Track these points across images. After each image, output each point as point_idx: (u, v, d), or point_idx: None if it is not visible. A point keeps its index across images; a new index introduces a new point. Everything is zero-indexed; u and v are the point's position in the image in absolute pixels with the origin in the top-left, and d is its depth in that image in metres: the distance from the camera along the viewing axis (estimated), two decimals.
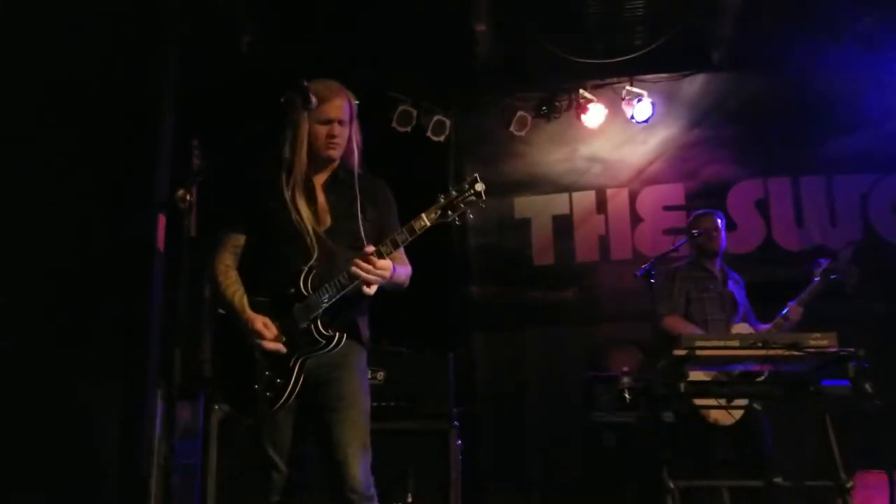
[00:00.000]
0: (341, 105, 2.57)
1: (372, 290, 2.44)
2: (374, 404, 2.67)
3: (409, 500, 3.59)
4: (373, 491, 2.44)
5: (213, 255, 2.62)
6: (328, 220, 2.57)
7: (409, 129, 5.69)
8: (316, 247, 2.51)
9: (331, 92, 2.56)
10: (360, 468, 2.41)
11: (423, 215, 2.39)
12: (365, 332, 2.63)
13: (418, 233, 2.41)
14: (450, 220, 2.39)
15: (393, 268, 2.48)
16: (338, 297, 2.44)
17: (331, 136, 2.56)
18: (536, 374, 5.56)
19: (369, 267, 2.40)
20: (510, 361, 5.67)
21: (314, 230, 2.54)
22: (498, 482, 5.21)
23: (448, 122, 5.79)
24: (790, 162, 5.59)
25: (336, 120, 2.57)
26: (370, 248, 2.42)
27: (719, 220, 4.22)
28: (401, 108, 5.68)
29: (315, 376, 2.48)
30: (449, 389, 3.95)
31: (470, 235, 5.92)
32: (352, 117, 2.63)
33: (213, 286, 2.62)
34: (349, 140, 2.62)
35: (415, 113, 5.72)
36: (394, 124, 5.68)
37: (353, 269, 2.40)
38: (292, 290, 2.48)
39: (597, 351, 5.45)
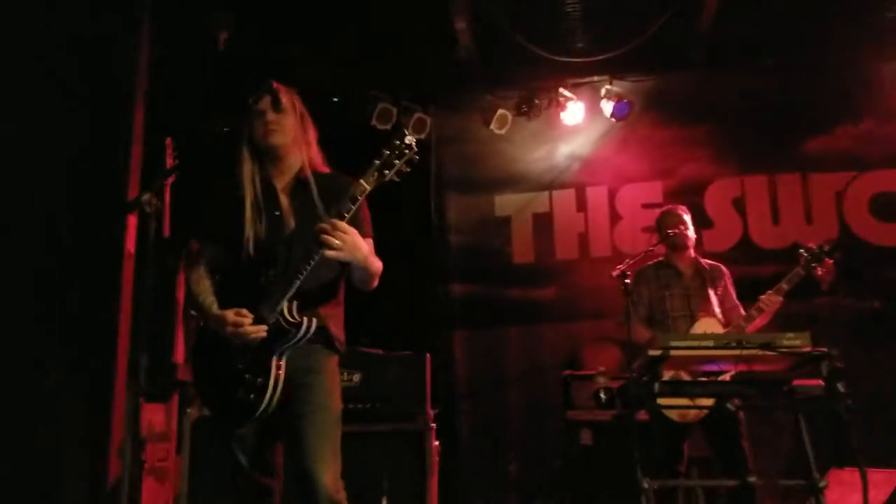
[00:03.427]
0: (262, 95, 2.58)
1: (336, 254, 2.38)
2: (350, 406, 2.66)
3: (384, 502, 3.58)
4: (341, 496, 2.42)
5: (187, 265, 2.61)
6: (292, 224, 2.55)
7: (389, 126, 5.67)
8: (276, 250, 2.49)
9: (260, 87, 2.58)
10: (328, 475, 2.38)
11: (361, 180, 2.37)
12: (338, 335, 2.60)
13: (360, 199, 2.39)
14: (387, 179, 2.36)
15: (360, 245, 2.44)
16: (300, 278, 2.40)
17: (264, 123, 2.56)
18: (516, 373, 5.57)
19: (330, 227, 2.36)
20: (490, 360, 5.67)
21: (275, 234, 2.52)
22: (476, 482, 5.22)
23: (428, 120, 5.78)
24: (767, 160, 5.62)
25: (266, 108, 2.57)
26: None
27: (685, 215, 4.24)
28: (380, 105, 5.66)
29: (286, 380, 2.46)
30: (426, 390, 3.94)
31: (450, 233, 5.93)
32: (298, 111, 2.61)
33: (188, 297, 2.61)
34: (297, 133, 2.60)
35: (395, 111, 5.70)
36: (374, 122, 5.66)
37: (318, 233, 2.36)
38: (255, 292, 2.46)
39: (576, 349, 5.46)
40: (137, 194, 2.72)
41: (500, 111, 5.80)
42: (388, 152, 2.36)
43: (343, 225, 2.38)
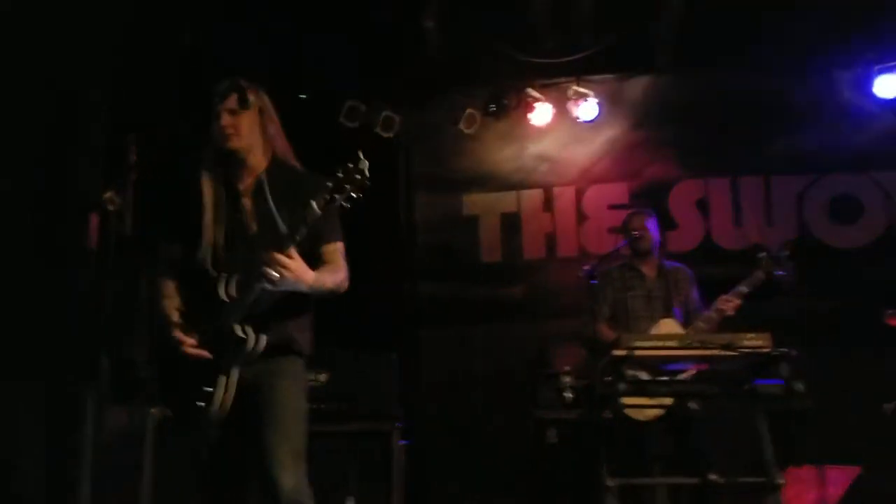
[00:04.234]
0: (225, 94, 2.54)
1: (276, 289, 2.37)
2: (315, 407, 2.65)
3: (351, 502, 3.58)
4: (305, 498, 2.42)
5: (151, 267, 2.60)
6: (254, 227, 2.54)
7: (357, 124, 5.65)
8: (237, 255, 2.48)
9: (220, 86, 2.56)
10: (289, 479, 2.38)
11: (313, 202, 2.34)
12: (302, 341, 2.58)
13: (309, 223, 2.36)
14: (338, 203, 2.33)
15: (303, 276, 2.42)
16: (253, 297, 2.40)
17: (221, 127, 2.53)
18: (483, 371, 5.59)
19: (271, 260, 2.34)
20: (457, 358, 5.68)
21: (236, 239, 2.51)
22: (443, 481, 5.23)
23: (397, 119, 5.77)
24: (729, 162, 5.71)
25: (223, 110, 2.54)
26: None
27: (648, 219, 4.32)
28: (349, 103, 5.64)
29: (250, 386, 2.46)
30: (393, 389, 3.94)
31: (418, 233, 5.93)
32: (256, 108, 2.58)
33: (153, 300, 2.60)
34: (256, 132, 2.58)
35: (363, 109, 5.69)
36: (342, 119, 5.64)
37: (263, 266, 2.35)
38: (216, 298, 2.45)
39: (543, 348, 5.50)
40: (101, 192, 2.69)
41: (468, 110, 5.81)
42: (341, 176, 2.32)
43: (283, 260, 2.35)
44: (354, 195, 2.31)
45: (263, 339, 2.43)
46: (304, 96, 5.58)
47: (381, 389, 3.92)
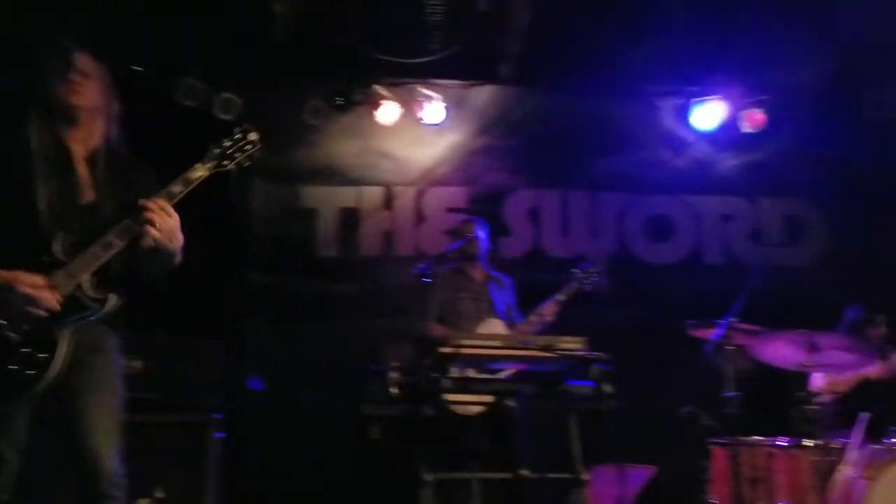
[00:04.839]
0: (72, 52, 2.43)
1: (156, 234, 2.27)
2: (130, 395, 2.52)
3: (159, 494, 3.42)
4: (121, 478, 2.32)
5: None
6: (91, 195, 2.39)
7: (194, 103, 5.41)
8: (72, 217, 2.33)
9: (64, 41, 2.46)
10: (112, 457, 2.29)
11: (199, 165, 2.33)
12: (121, 318, 2.48)
13: (194, 183, 2.34)
14: (227, 168, 2.34)
15: (179, 234, 2.35)
16: (109, 253, 2.27)
17: (68, 81, 2.40)
18: (314, 366, 5.51)
19: (156, 206, 2.26)
20: (287, 352, 5.57)
21: (70, 201, 2.36)
22: (263, 475, 5.11)
23: (238, 102, 5.58)
24: (560, 176, 6.03)
25: (72, 66, 2.41)
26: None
27: (479, 226, 4.52)
28: (186, 80, 5.39)
29: (76, 357, 2.30)
30: (214, 380, 3.81)
31: (252, 221, 5.76)
32: (103, 81, 2.47)
33: None
34: (101, 103, 2.46)
35: (201, 88, 5.45)
36: (178, 97, 5.38)
37: (143, 209, 2.24)
38: (45, 258, 2.27)
39: (374, 344, 5.52)
40: None
41: (314, 101, 5.73)
42: (229, 143, 2.34)
43: (170, 208, 2.29)
44: (243, 163, 2.35)
45: (116, 299, 2.30)
46: (138, 69, 5.26)
47: (202, 380, 3.78)
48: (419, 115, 5.81)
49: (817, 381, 4.55)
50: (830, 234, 6.08)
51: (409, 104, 5.83)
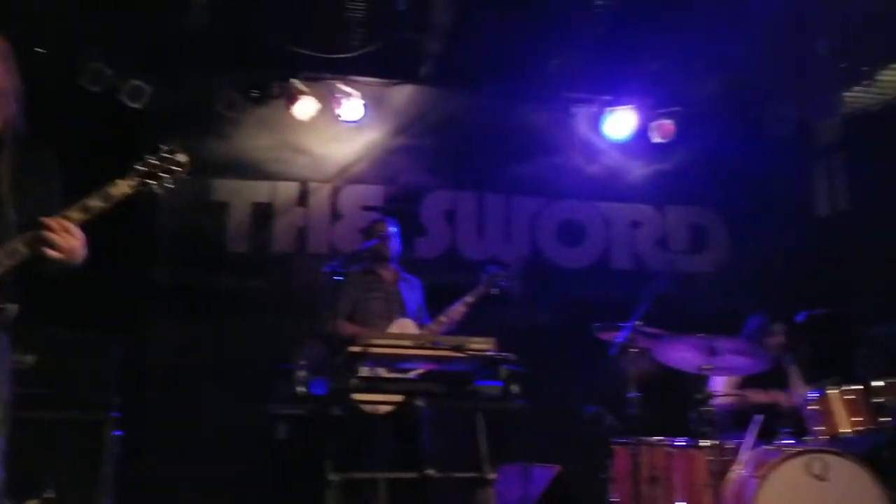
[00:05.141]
0: None
1: (54, 255, 2.17)
2: (22, 391, 2.39)
3: (49, 495, 3.26)
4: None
5: None
6: None
7: (100, 89, 5.20)
8: None
9: None
10: None
11: (121, 181, 2.21)
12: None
13: (115, 200, 2.23)
14: (151, 189, 2.25)
15: (80, 252, 2.24)
16: (15, 262, 2.16)
17: None
18: (220, 364, 5.37)
19: (58, 227, 2.14)
20: (193, 348, 5.40)
21: None
22: (165, 477, 4.94)
23: (147, 89, 5.39)
24: (477, 178, 6.08)
25: None
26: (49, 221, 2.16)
27: (391, 228, 4.51)
28: (92, 64, 5.17)
29: None
30: (110, 377, 3.66)
31: (158, 213, 5.56)
32: (9, 61, 2.34)
33: None
34: (6, 85, 2.32)
35: (109, 73, 5.24)
36: (83, 82, 5.16)
37: (45, 230, 2.12)
38: None
39: (283, 342, 5.42)
40: None
41: (228, 92, 5.60)
42: (154, 161, 2.24)
43: (73, 228, 2.18)
44: (168, 186, 2.26)
45: (14, 308, 2.20)
46: (40, 50, 5.01)
47: (98, 376, 3.62)
48: (337, 111, 5.75)
49: (717, 384, 4.73)
50: (731, 242, 6.35)
51: (328, 100, 5.77)
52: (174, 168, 2.28)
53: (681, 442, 4.11)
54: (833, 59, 5.54)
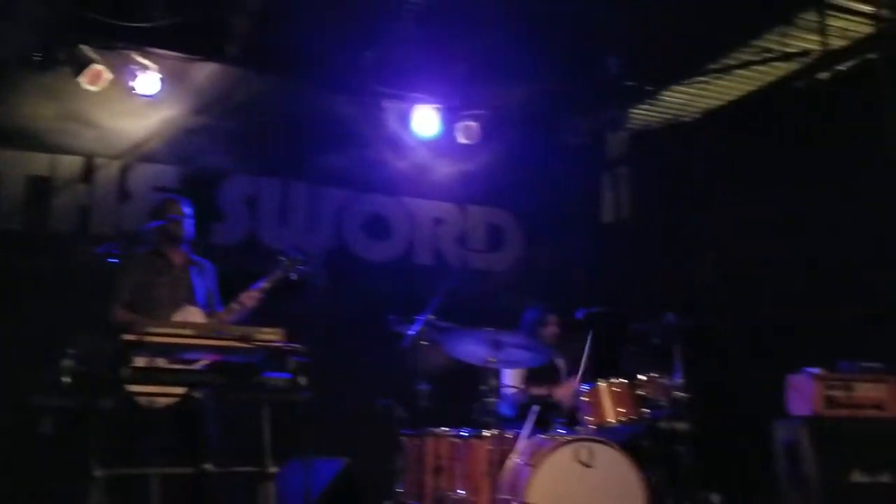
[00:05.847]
0: None
1: None
2: None
3: None
4: None
5: None
6: None
7: None
8: None
9: None
10: None
11: None
12: None
13: None
14: None
15: None
16: None
17: None
18: None
19: None
20: None
21: None
22: None
23: None
24: (282, 165, 5.94)
25: None
26: None
27: (186, 209, 4.28)
28: None
29: None
30: None
31: None
32: None
33: None
34: None
35: None
36: None
37: None
38: None
39: (60, 330, 4.97)
40: None
41: (5, 54, 5.05)
42: None
43: None
44: None
45: None
46: None
47: None
48: (131, 84, 5.36)
49: (507, 377, 4.94)
50: (525, 243, 6.68)
51: (121, 71, 5.37)
52: None
53: (465, 433, 4.25)
54: (622, 77, 5.99)
